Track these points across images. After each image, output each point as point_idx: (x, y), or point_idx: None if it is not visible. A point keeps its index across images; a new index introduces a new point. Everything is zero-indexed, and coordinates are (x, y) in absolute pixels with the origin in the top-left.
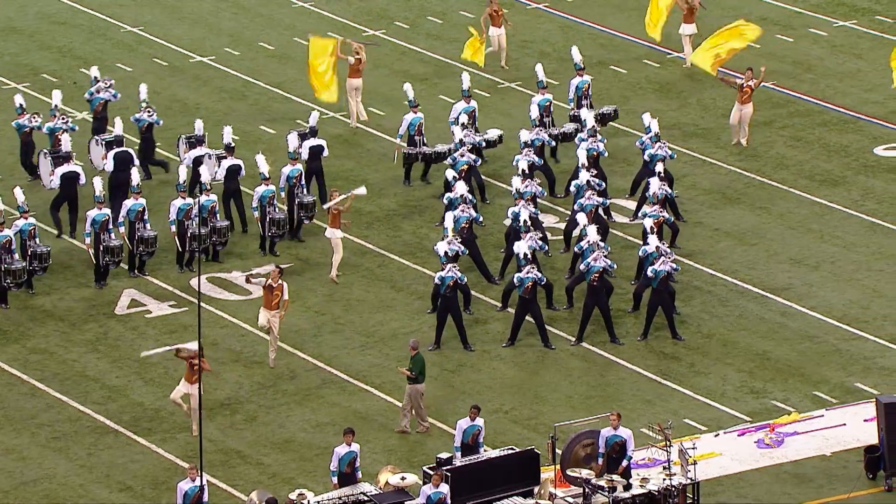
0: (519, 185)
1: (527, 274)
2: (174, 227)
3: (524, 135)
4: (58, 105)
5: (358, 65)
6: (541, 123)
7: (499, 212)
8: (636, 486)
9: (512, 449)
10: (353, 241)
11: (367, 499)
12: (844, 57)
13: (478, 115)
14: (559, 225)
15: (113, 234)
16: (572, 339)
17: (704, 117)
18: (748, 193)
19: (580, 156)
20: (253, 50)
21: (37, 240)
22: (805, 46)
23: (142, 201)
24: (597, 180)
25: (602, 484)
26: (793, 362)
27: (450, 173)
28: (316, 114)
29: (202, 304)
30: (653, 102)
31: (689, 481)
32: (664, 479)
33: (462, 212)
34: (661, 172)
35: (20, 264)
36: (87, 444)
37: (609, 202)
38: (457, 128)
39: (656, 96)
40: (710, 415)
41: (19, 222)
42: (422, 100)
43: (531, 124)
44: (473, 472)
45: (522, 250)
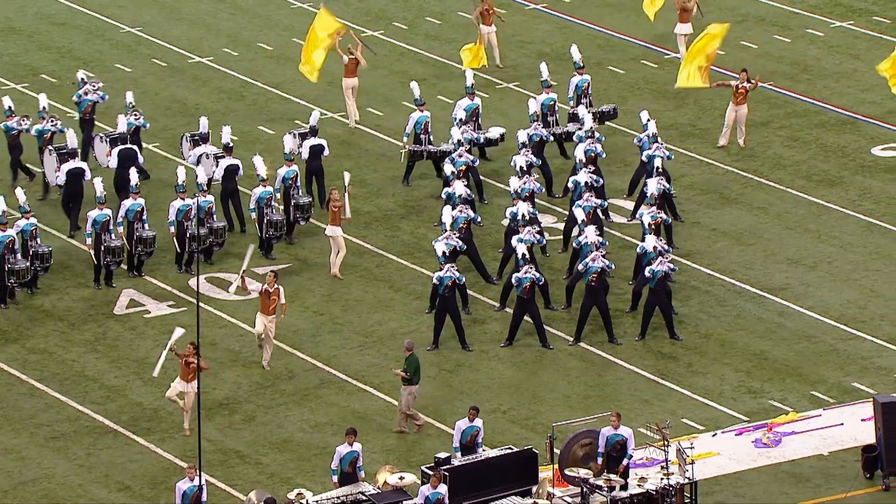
0: (516, 185)
1: (525, 274)
2: (173, 229)
3: (522, 135)
4: (45, 107)
5: (353, 64)
6: (545, 122)
7: (497, 212)
8: (634, 485)
9: (510, 449)
10: (352, 241)
11: (365, 498)
12: (841, 57)
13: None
14: (557, 225)
15: (113, 234)
16: (570, 339)
17: (702, 118)
18: (745, 193)
19: (578, 154)
20: (251, 50)
21: (38, 240)
22: (802, 47)
23: (140, 201)
24: (594, 176)
25: (600, 483)
26: (790, 362)
27: (448, 167)
28: (316, 113)
29: (201, 305)
30: (650, 103)
31: (687, 481)
32: (662, 479)
33: (460, 212)
34: (659, 167)
35: (24, 264)
36: (86, 443)
37: (606, 203)
38: (454, 128)
39: (653, 97)
40: (708, 414)
41: (21, 222)
42: None
43: (529, 120)
44: (471, 471)
45: (521, 250)
